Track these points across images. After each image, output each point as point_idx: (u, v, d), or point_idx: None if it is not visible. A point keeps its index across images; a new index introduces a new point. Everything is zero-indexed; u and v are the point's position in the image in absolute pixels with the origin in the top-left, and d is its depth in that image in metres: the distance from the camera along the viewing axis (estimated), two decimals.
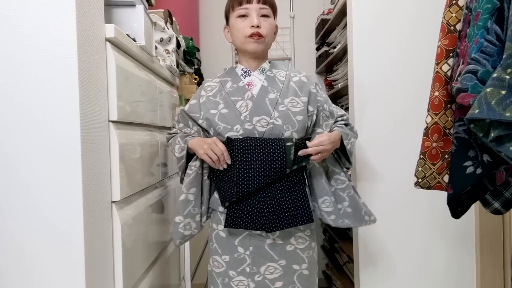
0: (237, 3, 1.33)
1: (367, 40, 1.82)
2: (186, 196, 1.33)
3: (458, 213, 1.18)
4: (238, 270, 1.31)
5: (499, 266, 1.81)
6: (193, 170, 1.34)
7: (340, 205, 1.36)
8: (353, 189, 1.38)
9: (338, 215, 1.34)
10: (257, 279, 1.30)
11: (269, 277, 1.30)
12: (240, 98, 1.33)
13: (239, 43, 1.36)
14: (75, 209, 0.89)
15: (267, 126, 1.29)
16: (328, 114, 1.40)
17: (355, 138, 1.42)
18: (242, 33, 1.33)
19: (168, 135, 1.46)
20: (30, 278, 0.89)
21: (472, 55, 0.96)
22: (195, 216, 1.34)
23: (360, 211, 1.36)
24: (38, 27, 0.88)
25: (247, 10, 1.32)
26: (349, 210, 1.35)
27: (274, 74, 1.38)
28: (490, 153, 1.02)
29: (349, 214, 1.35)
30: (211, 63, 3.13)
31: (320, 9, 3.03)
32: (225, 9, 1.41)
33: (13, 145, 0.88)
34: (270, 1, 1.36)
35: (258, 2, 1.32)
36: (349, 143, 1.38)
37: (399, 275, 1.84)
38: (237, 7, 1.33)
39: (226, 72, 1.44)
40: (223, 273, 1.32)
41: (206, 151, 1.27)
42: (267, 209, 1.26)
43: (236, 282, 1.31)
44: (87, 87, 0.93)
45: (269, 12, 1.35)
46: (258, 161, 1.26)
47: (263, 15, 1.33)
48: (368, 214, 1.38)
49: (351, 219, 1.35)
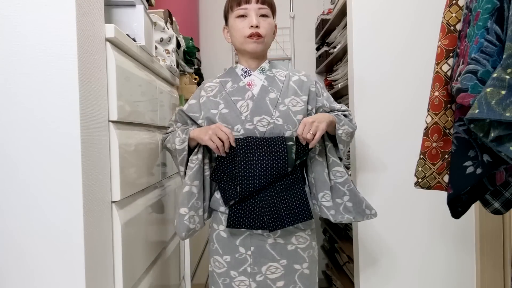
0: (236, 4, 1.33)
1: (367, 40, 1.82)
2: (190, 188, 1.30)
3: (458, 213, 1.18)
4: (240, 270, 1.31)
5: (499, 266, 1.81)
6: (195, 163, 1.32)
7: (340, 200, 1.34)
8: (352, 182, 1.37)
9: (337, 210, 1.33)
10: (258, 279, 1.31)
11: (271, 276, 1.31)
12: (240, 98, 1.33)
13: (239, 44, 1.36)
14: (75, 209, 0.89)
15: (268, 126, 1.30)
16: (328, 111, 1.39)
17: (350, 128, 1.36)
18: (241, 34, 1.33)
19: (165, 135, 1.44)
20: (30, 278, 0.89)
21: (472, 55, 0.96)
22: (198, 210, 1.32)
23: (361, 204, 1.35)
24: (38, 27, 0.88)
25: (246, 10, 1.32)
26: (349, 205, 1.34)
27: (274, 74, 1.38)
28: (490, 153, 1.02)
29: (349, 208, 1.34)
30: (211, 63, 3.13)
31: (320, 9, 3.03)
32: (224, 10, 1.41)
33: (13, 145, 0.88)
34: (269, 1, 1.35)
35: (257, 2, 1.32)
36: (341, 128, 1.33)
37: (399, 275, 1.84)
38: (236, 8, 1.33)
39: (226, 72, 1.43)
40: (225, 274, 1.33)
41: (211, 137, 1.25)
42: (268, 208, 1.27)
43: (237, 283, 1.31)
44: (87, 87, 0.93)
45: (268, 12, 1.35)
46: (260, 160, 1.26)
47: (262, 15, 1.33)
48: (369, 208, 1.37)
49: (352, 214, 1.34)
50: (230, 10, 1.36)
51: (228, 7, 1.37)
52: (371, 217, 1.37)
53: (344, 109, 1.42)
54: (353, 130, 1.38)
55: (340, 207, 1.34)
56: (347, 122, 1.36)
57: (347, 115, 1.40)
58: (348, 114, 1.41)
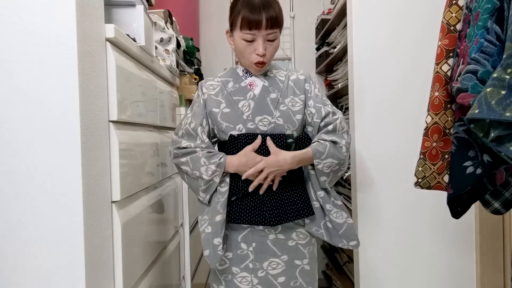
0: (246, 25, 1.25)
1: (367, 40, 1.82)
2: (222, 217, 1.27)
3: (458, 213, 1.18)
4: (241, 266, 1.32)
5: (499, 266, 1.81)
6: (225, 188, 1.29)
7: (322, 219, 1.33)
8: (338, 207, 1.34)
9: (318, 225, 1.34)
10: (260, 275, 1.32)
11: (272, 272, 1.32)
12: (242, 97, 1.34)
13: (242, 62, 1.36)
14: (75, 209, 0.89)
15: (269, 125, 1.31)
16: (313, 111, 1.33)
17: (336, 159, 1.28)
18: (247, 58, 1.30)
19: (177, 150, 1.32)
20: (31, 278, 0.89)
21: (472, 55, 0.96)
22: (224, 238, 1.30)
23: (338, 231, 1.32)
24: (38, 27, 0.88)
25: (254, 36, 1.27)
26: (329, 225, 1.32)
27: (275, 74, 1.39)
28: (490, 153, 1.02)
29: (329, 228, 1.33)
30: (211, 63, 3.13)
31: (320, 9, 3.03)
32: (230, 17, 1.32)
33: (14, 145, 0.88)
34: (278, 21, 1.28)
35: (266, 28, 1.25)
36: (322, 163, 1.28)
37: (399, 275, 1.84)
38: (244, 29, 1.26)
39: (227, 72, 1.43)
40: (227, 270, 1.34)
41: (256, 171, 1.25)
42: (270, 204, 1.28)
43: (239, 279, 1.32)
44: (87, 87, 0.93)
45: (276, 34, 1.29)
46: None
47: (269, 39, 1.28)
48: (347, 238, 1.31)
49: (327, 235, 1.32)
50: (238, 27, 1.28)
51: (236, 21, 1.28)
52: (348, 247, 1.33)
53: (331, 121, 1.32)
54: (341, 161, 1.30)
55: (321, 222, 1.34)
56: (333, 152, 1.28)
57: (335, 141, 1.29)
58: (337, 126, 1.31)
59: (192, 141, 1.31)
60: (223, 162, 1.27)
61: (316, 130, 1.34)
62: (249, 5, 1.25)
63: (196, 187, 1.32)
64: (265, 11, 1.25)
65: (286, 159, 1.25)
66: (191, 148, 1.30)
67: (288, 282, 1.33)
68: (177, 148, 1.32)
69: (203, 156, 1.28)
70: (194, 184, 1.32)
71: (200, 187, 1.30)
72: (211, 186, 1.29)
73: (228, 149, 1.32)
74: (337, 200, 1.34)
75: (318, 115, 1.33)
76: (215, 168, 1.27)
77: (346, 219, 1.32)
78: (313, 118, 1.33)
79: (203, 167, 1.27)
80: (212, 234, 1.26)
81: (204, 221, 1.30)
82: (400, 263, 1.84)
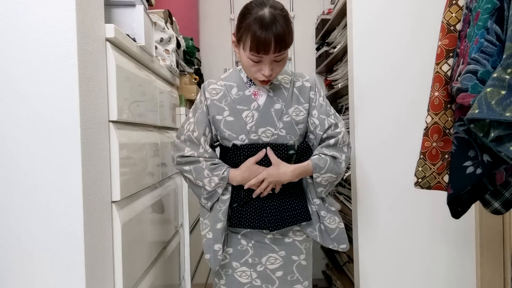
0: (254, 48, 1.19)
1: (367, 40, 1.82)
2: (223, 224, 1.32)
3: (458, 213, 1.18)
4: (241, 261, 1.37)
5: (499, 266, 1.81)
6: (227, 196, 1.33)
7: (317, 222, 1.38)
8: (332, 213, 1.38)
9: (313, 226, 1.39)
10: (259, 269, 1.36)
11: (270, 267, 1.37)
12: (246, 108, 1.32)
13: (248, 74, 1.31)
14: (75, 209, 0.89)
15: (272, 136, 1.32)
16: (317, 123, 1.33)
17: (334, 174, 1.32)
18: (252, 75, 1.28)
19: (181, 158, 1.33)
20: (31, 278, 0.89)
21: (472, 55, 0.96)
22: (224, 242, 1.36)
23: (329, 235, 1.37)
24: (38, 27, 0.88)
25: (261, 58, 1.21)
26: (322, 227, 1.38)
27: (280, 81, 1.35)
28: (490, 153, 1.02)
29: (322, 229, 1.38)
30: (211, 63, 3.13)
31: (320, 9, 3.03)
32: (239, 30, 1.24)
33: (14, 145, 0.88)
34: (288, 44, 1.22)
35: (274, 52, 1.20)
36: (321, 176, 1.31)
37: (399, 275, 1.84)
38: (252, 52, 1.20)
39: (230, 74, 1.38)
40: (227, 265, 1.38)
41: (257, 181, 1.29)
42: (269, 211, 1.33)
43: (239, 273, 1.37)
44: (87, 87, 0.93)
45: (284, 55, 1.24)
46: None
47: (276, 60, 1.24)
48: (337, 242, 1.37)
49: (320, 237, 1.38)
50: (246, 47, 1.22)
51: (245, 39, 1.21)
52: (338, 249, 1.39)
53: (333, 134, 1.32)
54: (339, 175, 1.34)
55: (316, 225, 1.38)
56: (332, 167, 1.31)
57: (336, 156, 1.31)
58: (339, 140, 1.32)
59: (195, 149, 1.32)
60: (226, 176, 1.30)
61: (317, 140, 1.35)
62: (260, 24, 1.17)
63: (198, 193, 1.37)
64: (275, 36, 1.17)
65: (286, 173, 1.29)
66: (195, 157, 1.32)
67: (285, 276, 1.37)
68: (180, 156, 1.34)
69: (207, 168, 1.31)
70: (197, 191, 1.37)
71: (202, 195, 1.35)
72: (213, 196, 1.33)
73: (231, 157, 1.34)
74: (331, 206, 1.38)
75: (321, 127, 1.33)
76: (219, 181, 1.30)
77: (338, 224, 1.37)
78: (316, 129, 1.34)
79: (206, 179, 1.31)
80: (213, 240, 1.32)
81: (205, 226, 1.36)
82: (400, 263, 1.84)
